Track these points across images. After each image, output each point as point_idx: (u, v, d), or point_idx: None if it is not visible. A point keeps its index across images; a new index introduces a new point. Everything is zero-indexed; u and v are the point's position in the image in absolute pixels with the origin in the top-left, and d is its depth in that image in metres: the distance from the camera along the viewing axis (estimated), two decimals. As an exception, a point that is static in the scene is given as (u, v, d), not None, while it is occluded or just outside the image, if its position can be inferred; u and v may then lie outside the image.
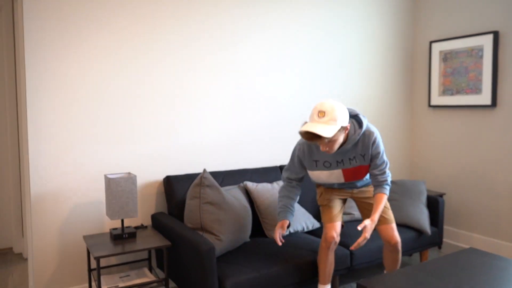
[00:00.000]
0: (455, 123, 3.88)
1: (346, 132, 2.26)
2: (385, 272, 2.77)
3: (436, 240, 3.27)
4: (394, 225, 2.58)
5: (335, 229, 2.53)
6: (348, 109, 2.38)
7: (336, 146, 2.24)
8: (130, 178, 2.47)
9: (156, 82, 2.92)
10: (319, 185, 2.73)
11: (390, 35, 4.03)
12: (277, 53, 3.41)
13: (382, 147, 2.38)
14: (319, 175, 2.48)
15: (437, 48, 3.93)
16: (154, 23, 2.88)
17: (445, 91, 3.91)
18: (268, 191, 3.01)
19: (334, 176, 2.46)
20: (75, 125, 2.68)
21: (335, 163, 2.41)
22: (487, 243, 3.66)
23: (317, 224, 3.13)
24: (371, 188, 2.67)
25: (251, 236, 3.00)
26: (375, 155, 2.37)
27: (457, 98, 3.80)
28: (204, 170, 2.66)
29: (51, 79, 2.58)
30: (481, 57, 3.59)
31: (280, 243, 2.48)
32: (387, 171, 2.42)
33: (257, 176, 3.19)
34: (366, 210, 2.69)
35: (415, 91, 4.22)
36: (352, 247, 2.32)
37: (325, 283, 2.58)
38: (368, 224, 2.30)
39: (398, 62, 4.12)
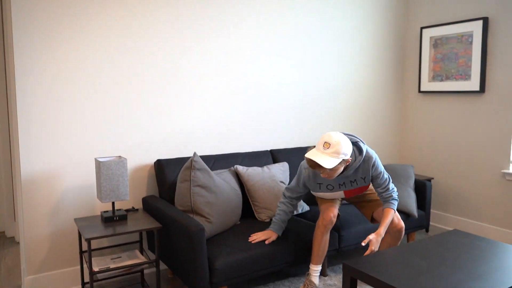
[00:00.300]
0: (444, 109, 3.92)
1: (347, 164, 2.39)
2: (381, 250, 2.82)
3: (423, 223, 3.33)
4: (397, 213, 2.67)
5: (333, 211, 2.61)
6: (349, 137, 2.51)
7: (336, 174, 2.39)
8: (120, 162, 2.49)
9: (148, 67, 2.92)
10: (324, 206, 2.79)
11: (381, 21, 4.04)
12: (268, 39, 3.41)
13: (381, 167, 2.55)
14: (322, 195, 2.69)
15: (427, 34, 3.95)
16: (144, 10, 2.86)
17: (435, 77, 3.94)
18: (258, 175, 3.05)
19: (336, 195, 2.67)
20: (65, 109, 2.68)
21: (337, 185, 2.59)
22: (473, 227, 3.74)
23: (306, 207, 3.18)
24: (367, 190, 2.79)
25: (241, 218, 3.04)
26: (377, 175, 2.54)
27: (446, 84, 3.84)
28: (195, 153, 2.68)
29: (41, 62, 2.58)
30: (471, 43, 3.62)
31: (252, 241, 2.57)
32: (391, 186, 2.58)
33: (248, 160, 3.22)
34: (364, 202, 2.81)
35: (406, 77, 4.25)
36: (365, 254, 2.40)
37: (317, 263, 2.65)
38: (373, 238, 2.43)
39: (389, 48, 4.14)
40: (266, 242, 2.59)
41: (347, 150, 2.31)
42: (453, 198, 3.91)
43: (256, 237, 2.62)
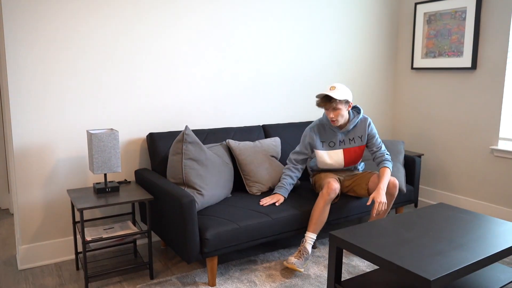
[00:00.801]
0: (436, 86, 3.94)
1: (349, 108, 2.80)
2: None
3: (411, 198, 3.40)
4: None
5: (337, 183, 2.74)
6: None
7: (340, 117, 2.75)
8: (112, 134, 2.51)
9: (140, 40, 2.91)
10: (314, 174, 3.05)
11: (375, -4, 4.01)
12: (261, 14, 3.39)
13: (375, 130, 2.96)
14: (323, 155, 2.91)
15: (422, 9, 3.93)
16: (135, -22, 2.83)
17: (427, 54, 3.95)
18: (250, 149, 3.08)
19: (336, 157, 2.91)
20: (58, 81, 2.68)
21: (338, 142, 2.89)
22: (461, 202, 3.81)
23: (297, 182, 3.22)
24: (360, 172, 3.04)
25: (233, 192, 3.09)
26: (372, 135, 2.91)
27: (439, 61, 3.84)
28: (186, 127, 2.70)
29: (32, 33, 2.56)
30: (464, 19, 3.61)
31: (263, 204, 2.76)
32: (384, 147, 2.92)
33: (240, 134, 3.24)
34: (357, 181, 2.94)
35: (399, 53, 4.25)
36: (373, 216, 2.73)
37: (313, 231, 2.72)
38: (375, 194, 2.67)
39: (383, 24, 4.12)
40: (276, 204, 2.78)
41: (349, 95, 2.75)
42: (442, 174, 3.97)
43: (266, 201, 2.79)
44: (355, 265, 2.77)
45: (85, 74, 2.76)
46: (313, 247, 3.03)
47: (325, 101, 2.71)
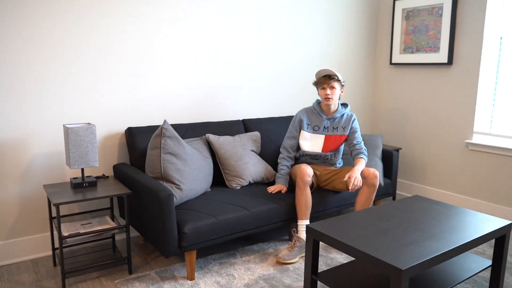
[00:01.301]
0: (414, 81, 4.01)
1: (341, 93, 3.02)
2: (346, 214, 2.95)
3: (389, 191, 3.46)
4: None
5: (307, 167, 2.82)
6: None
7: (335, 96, 2.95)
8: (89, 128, 2.48)
9: (118, 33, 2.88)
10: (296, 166, 3.09)
11: (355, -8, 4.04)
12: (240, 8, 3.39)
13: (359, 127, 3.19)
14: (306, 136, 3.05)
15: (400, 5, 3.99)
16: (112, -30, 2.80)
17: (406, 49, 4.01)
18: (230, 143, 3.08)
19: (316, 141, 3.04)
20: (34, 75, 2.63)
21: (322, 128, 3.05)
22: (437, 194, 3.90)
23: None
24: (335, 168, 3.14)
25: (212, 186, 3.09)
26: (354, 130, 3.06)
27: (416, 56, 3.91)
28: (165, 121, 2.69)
29: (8, 28, 2.51)
30: (441, 15, 3.67)
31: (272, 192, 2.93)
32: (363, 144, 3.06)
33: (220, 129, 3.24)
34: (334, 176, 3.01)
35: (378, 48, 4.30)
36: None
37: (303, 218, 2.80)
38: (350, 172, 2.82)
39: (363, 20, 4.16)
40: (282, 192, 2.94)
41: (342, 80, 2.99)
42: (419, 168, 4.05)
43: (273, 188, 2.95)
44: (333, 258, 2.81)
45: (62, 68, 2.72)
46: (292, 240, 3.06)
47: (326, 77, 2.92)
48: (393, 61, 4.11)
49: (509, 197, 3.40)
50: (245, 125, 3.42)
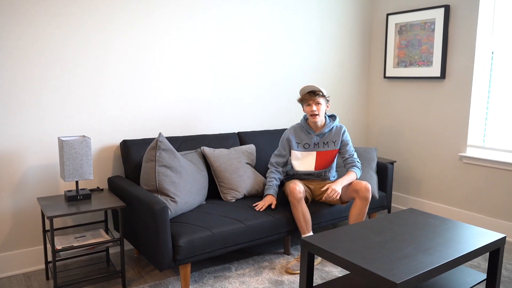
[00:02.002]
0: (407, 94, 4.05)
1: (327, 108, 2.98)
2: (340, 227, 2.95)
3: (384, 204, 3.46)
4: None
5: (296, 183, 2.81)
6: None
7: (321, 112, 2.91)
8: (84, 141, 2.48)
9: (114, 46, 2.90)
10: (285, 182, 3.12)
11: (349, 7, 4.10)
12: (235, 22, 3.43)
13: (350, 139, 3.10)
14: (297, 156, 3.02)
15: (393, 20, 4.04)
16: (109, -15, 2.83)
17: (399, 63, 4.05)
18: (225, 156, 3.09)
19: (308, 159, 3.01)
20: (29, 87, 2.64)
21: (313, 145, 3.01)
22: (432, 208, 3.91)
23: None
24: (329, 181, 3.11)
25: (207, 199, 3.09)
26: (346, 142, 3.04)
27: (410, 70, 3.95)
28: (160, 134, 2.69)
29: (3, 40, 2.52)
30: (433, 30, 3.73)
31: (260, 209, 2.84)
32: (356, 156, 3.04)
33: (216, 142, 3.25)
34: (325, 193, 2.96)
35: (372, 62, 4.35)
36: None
37: (305, 233, 2.82)
38: (331, 183, 2.85)
39: (357, 34, 4.21)
40: (272, 207, 2.87)
41: (327, 96, 2.99)
42: (414, 181, 4.06)
43: (261, 205, 2.86)
44: (329, 271, 2.80)
45: (57, 81, 2.73)
46: (287, 253, 3.05)
47: (311, 94, 2.89)
48: (387, 75, 4.16)
49: (503, 210, 3.42)
50: (240, 138, 3.43)
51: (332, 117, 3.10)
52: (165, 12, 3.07)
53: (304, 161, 3.02)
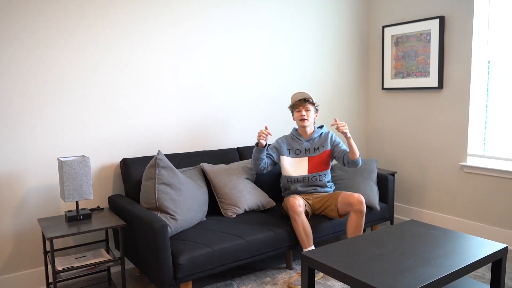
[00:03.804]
0: (406, 105, 4.06)
1: (316, 117, 3.13)
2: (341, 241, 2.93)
3: (385, 216, 3.45)
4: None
5: (296, 197, 2.83)
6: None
7: (310, 118, 3.05)
8: (83, 161, 2.50)
9: (111, 66, 2.93)
10: (284, 198, 3.13)
11: (345, 20, 4.14)
12: (232, 37, 3.46)
13: (340, 140, 3.15)
14: (288, 162, 3.08)
15: (389, 32, 4.08)
16: (106, 7, 2.87)
17: (396, 74, 4.07)
18: (225, 172, 3.09)
19: (300, 165, 3.07)
20: (28, 108, 2.66)
21: (303, 151, 3.10)
22: (434, 218, 3.88)
23: (272, 203, 3.24)
24: (326, 193, 3.10)
25: (208, 215, 3.08)
26: (337, 144, 3.11)
27: (407, 81, 3.97)
28: (159, 151, 2.71)
29: (0, 60, 2.55)
30: (429, 41, 3.76)
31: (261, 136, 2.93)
32: None
33: (215, 158, 3.26)
34: (327, 203, 3.00)
35: (370, 74, 4.37)
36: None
37: (306, 247, 2.82)
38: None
39: (354, 46, 4.24)
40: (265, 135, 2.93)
41: (316, 104, 3.13)
42: (415, 191, 4.05)
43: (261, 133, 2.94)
44: (331, 285, 2.77)
45: (55, 101, 2.76)
46: (289, 268, 3.03)
47: (302, 101, 3.04)
48: (385, 86, 4.17)
49: (505, 219, 3.39)
50: (240, 153, 3.43)
51: (320, 126, 3.21)
52: (161, 30, 3.11)
53: (297, 167, 3.08)
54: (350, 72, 4.25)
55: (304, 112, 3.02)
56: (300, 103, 3.04)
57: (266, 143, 2.97)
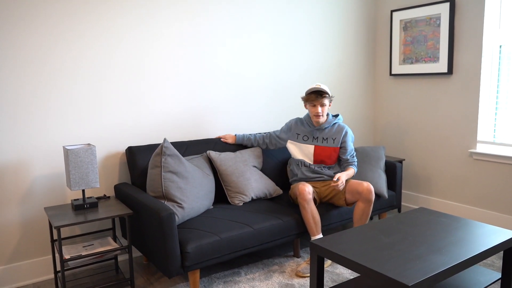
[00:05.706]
0: (414, 91, 3.99)
1: (329, 107, 3.01)
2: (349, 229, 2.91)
3: (393, 203, 3.41)
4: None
5: (305, 184, 2.80)
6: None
7: (324, 113, 2.98)
8: (89, 149, 2.48)
9: (117, 54, 2.89)
10: (291, 185, 3.10)
11: (352, 4, 4.06)
12: (239, 25, 3.40)
13: (350, 141, 3.08)
14: (294, 147, 3.09)
15: (397, 17, 4.00)
16: (110, -8, 2.82)
17: (405, 60, 4.00)
18: (231, 159, 3.06)
19: (306, 151, 3.04)
20: (33, 97, 2.64)
21: (311, 138, 3.05)
22: (443, 205, 3.84)
23: (279, 191, 3.21)
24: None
25: (215, 203, 3.07)
26: (346, 142, 3.04)
27: (416, 67, 3.90)
28: (165, 139, 2.68)
29: (6, 49, 2.52)
30: (439, 25, 3.68)
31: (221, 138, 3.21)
32: (355, 159, 3.07)
33: (221, 145, 3.23)
34: (334, 192, 2.97)
35: (377, 60, 4.30)
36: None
37: (315, 235, 2.80)
38: (339, 175, 2.83)
39: (361, 32, 4.17)
40: (224, 140, 3.22)
41: (331, 95, 3.13)
42: (424, 179, 4.01)
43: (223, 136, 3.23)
44: (339, 273, 2.76)
45: (61, 90, 2.73)
46: (297, 256, 3.02)
47: (317, 95, 2.91)
48: (393, 72, 4.11)
49: (516, 206, 3.35)
50: (246, 141, 3.40)
51: (335, 115, 3.13)
52: (167, 18, 3.06)
53: (302, 152, 3.07)
54: (358, 58, 4.18)
55: (319, 109, 2.93)
56: (315, 98, 2.92)
57: (235, 138, 3.22)
